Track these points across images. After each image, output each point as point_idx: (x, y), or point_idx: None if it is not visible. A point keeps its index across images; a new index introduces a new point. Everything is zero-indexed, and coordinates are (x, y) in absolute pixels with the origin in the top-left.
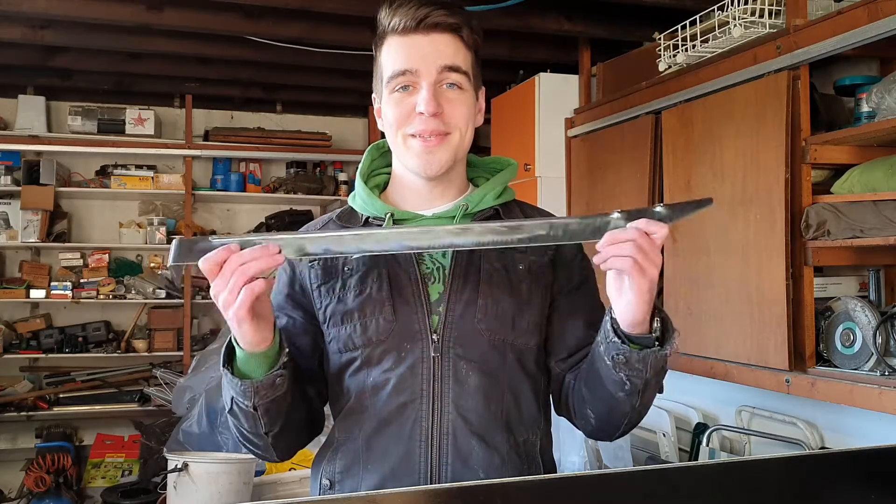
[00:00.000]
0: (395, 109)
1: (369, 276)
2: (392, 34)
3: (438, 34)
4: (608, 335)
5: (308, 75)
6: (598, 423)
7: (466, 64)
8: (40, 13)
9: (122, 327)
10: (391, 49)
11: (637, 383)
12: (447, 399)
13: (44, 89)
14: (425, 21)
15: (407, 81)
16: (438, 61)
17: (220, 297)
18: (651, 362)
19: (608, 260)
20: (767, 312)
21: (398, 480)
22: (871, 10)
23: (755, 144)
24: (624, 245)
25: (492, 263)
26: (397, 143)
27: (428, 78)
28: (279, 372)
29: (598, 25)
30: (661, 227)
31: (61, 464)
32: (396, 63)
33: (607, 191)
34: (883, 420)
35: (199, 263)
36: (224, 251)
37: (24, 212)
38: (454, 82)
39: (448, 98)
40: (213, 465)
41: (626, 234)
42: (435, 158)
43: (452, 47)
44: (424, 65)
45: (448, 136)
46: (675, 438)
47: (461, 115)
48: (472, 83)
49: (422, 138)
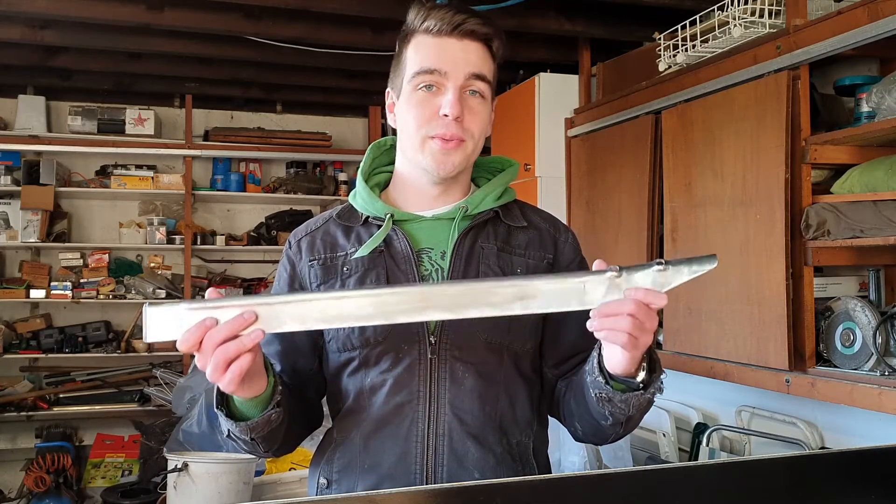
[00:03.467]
0: (418, 109)
1: (368, 277)
2: (423, 33)
3: (471, 41)
4: (594, 371)
5: (308, 75)
6: (584, 435)
7: (491, 74)
8: (40, 13)
9: (122, 327)
10: (420, 46)
11: (620, 418)
12: (444, 400)
13: (44, 89)
14: (462, 27)
15: (433, 81)
16: (468, 68)
17: (206, 371)
18: (634, 404)
19: (603, 331)
20: (767, 312)
21: (394, 480)
22: (871, 10)
23: (755, 144)
24: (620, 319)
25: (490, 266)
26: (414, 142)
27: (455, 81)
28: (274, 410)
29: (598, 25)
30: (661, 297)
31: (61, 464)
32: (426, 60)
33: (607, 191)
34: (883, 420)
35: (178, 345)
36: (199, 329)
37: (24, 212)
38: (478, 90)
39: (470, 106)
40: (213, 465)
41: (623, 307)
42: (450, 160)
43: (482, 56)
44: (454, 68)
45: (464, 142)
46: (675, 438)
47: (479, 124)
48: (492, 93)
49: (442, 140)
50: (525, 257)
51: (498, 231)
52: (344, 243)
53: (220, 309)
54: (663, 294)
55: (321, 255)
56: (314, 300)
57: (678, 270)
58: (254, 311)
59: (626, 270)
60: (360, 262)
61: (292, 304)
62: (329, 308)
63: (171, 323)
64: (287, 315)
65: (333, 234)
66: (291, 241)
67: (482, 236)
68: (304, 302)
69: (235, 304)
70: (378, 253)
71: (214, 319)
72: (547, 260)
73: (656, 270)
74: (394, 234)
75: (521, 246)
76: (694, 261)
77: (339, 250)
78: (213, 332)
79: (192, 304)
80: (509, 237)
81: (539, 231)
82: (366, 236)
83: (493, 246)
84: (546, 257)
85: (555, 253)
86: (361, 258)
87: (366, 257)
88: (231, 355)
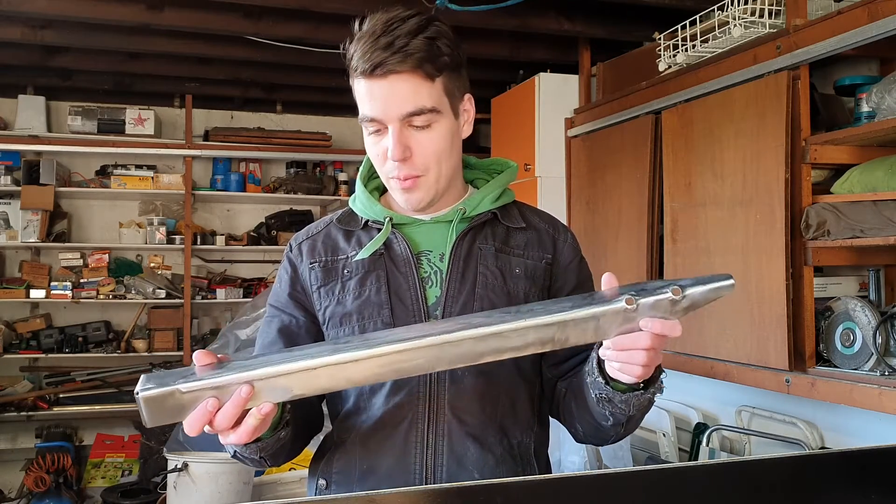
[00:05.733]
0: (371, 151)
1: (368, 279)
2: (355, 74)
3: (396, 77)
4: (593, 372)
5: (308, 75)
6: (585, 436)
7: (432, 99)
8: (40, 13)
9: (122, 327)
10: (358, 90)
11: (620, 418)
12: (443, 401)
13: (44, 89)
14: (380, 67)
15: (376, 127)
16: (400, 109)
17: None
18: (634, 403)
19: (619, 364)
20: (767, 312)
21: (393, 481)
22: (871, 10)
23: (755, 144)
24: (636, 353)
25: (489, 267)
26: (383, 179)
27: (392, 124)
28: (284, 430)
29: (598, 25)
30: (677, 328)
31: (61, 464)
32: (363, 108)
33: (607, 191)
34: (883, 420)
35: (185, 429)
36: (203, 416)
37: (24, 212)
38: (420, 124)
39: (417, 140)
40: (213, 465)
41: (639, 342)
42: (414, 197)
43: (412, 90)
44: (386, 114)
45: (420, 177)
46: (675, 438)
47: (431, 155)
48: (449, 106)
49: (398, 181)
50: (523, 257)
51: (496, 232)
52: (344, 246)
53: (219, 387)
54: (678, 324)
55: (322, 258)
56: (317, 367)
57: (693, 298)
58: (251, 386)
59: (639, 299)
60: (360, 264)
61: (292, 375)
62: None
63: (169, 406)
64: (284, 385)
65: (334, 238)
66: (293, 245)
67: (480, 237)
68: (304, 372)
69: (233, 378)
70: (378, 256)
71: (216, 401)
72: (545, 260)
73: (670, 300)
74: (393, 238)
75: (520, 246)
76: (710, 283)
77: (339, 253)
78: (221, 418)
79: (187, 385)
80: (508, 238)
81: (538, 231)
82: (366, 240)
83: (491, 247)
84: (545, 257)
85: (554, 253)
86: (362, 261)
87: (366, 260)
88: (251, 429)
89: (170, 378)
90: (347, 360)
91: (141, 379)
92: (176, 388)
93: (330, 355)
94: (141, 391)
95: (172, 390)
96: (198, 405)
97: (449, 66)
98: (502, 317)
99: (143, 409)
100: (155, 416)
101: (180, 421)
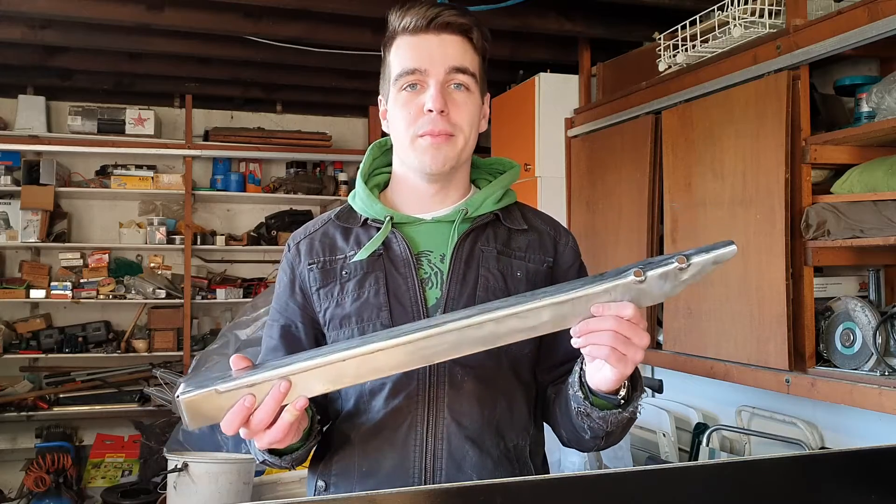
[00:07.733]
0: (404, 109)
1: (367, 280)
2: (402, 34)
3: (448, 35)
4: (574, 385)
5: (308, 75)
6: (569, 442)
7: (474, 66)
8: (40, 13)
9: (122, 327)
10: (400, 48)
11: (599, 433)
12: (442, 404)
13: (44, 89)
14: (436, 21)
15: (415, 80)
16: (447, 62)
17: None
18: (612, 421)
19: (587, 346)
20: (767, 312)
21: (392, 483)
22: (871, 10)
23: (755, 144)
24: (602, 334)
25: (489, 269)
26: (405, 143)
27: (436, 77)
28: (315, 440)
29: (598, 25)
30: (626, 307)
31: (61, 464)
32: (405, 62)
33: (607, 191)
34: (883, 420)
35: (222, 427)
36: (241, 412)
37: (24, 212)
38: (461, 83)
39: (454, 99)
40: (213, 465)
41: (603, 324)
42: (441, 154)
43: (461, 49)
44: (433, 64)
45: (453, 136)
46: (675, 438)
47: (466, 117)
48: (479, 86)
49: (430, 136)
50: (525, 260)
51: (498, 234)
52: (343, 245)
53: (255, 384)
54: (628, 304)
55: (320, 257)
56: (347, 359)
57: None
58: (288, 381)
59: (647, 271)
60: (358, 265)
61: (323, 367)
62: (364, 364)
63: (209, 408)
64: (317, 377)
65: (332, 236)
66: (290, 245)
67: (482, 239)
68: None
69: (269, 375)
70: (377, 256)
71: (252, 397)
72: (546, 263)
73: (677, 268)
74: (393, 237)
75: (521, 248)
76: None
77: (337, 253)
78: (260, 415)
79: (225, 384)
80: (509, 240)
81: (539, 234)
82: (364, 239)
83: (493, 249)
84: (546, 260)
85: (555, 256)
86: (360, 261)
87: (364, 260)
88: (287, 426)
89: (208, 381)
90: (376, 350)
91: (180, 383)
92: (214, 388)
93: (359, 346)
94: (181, 395)
95: (211, 391)
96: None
97: (485, 54)
98: (518, 300)
99: (183, 413)
100: (195, 419)
101: (217, 422)
